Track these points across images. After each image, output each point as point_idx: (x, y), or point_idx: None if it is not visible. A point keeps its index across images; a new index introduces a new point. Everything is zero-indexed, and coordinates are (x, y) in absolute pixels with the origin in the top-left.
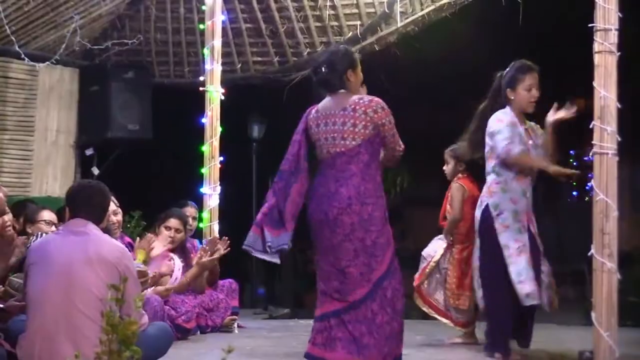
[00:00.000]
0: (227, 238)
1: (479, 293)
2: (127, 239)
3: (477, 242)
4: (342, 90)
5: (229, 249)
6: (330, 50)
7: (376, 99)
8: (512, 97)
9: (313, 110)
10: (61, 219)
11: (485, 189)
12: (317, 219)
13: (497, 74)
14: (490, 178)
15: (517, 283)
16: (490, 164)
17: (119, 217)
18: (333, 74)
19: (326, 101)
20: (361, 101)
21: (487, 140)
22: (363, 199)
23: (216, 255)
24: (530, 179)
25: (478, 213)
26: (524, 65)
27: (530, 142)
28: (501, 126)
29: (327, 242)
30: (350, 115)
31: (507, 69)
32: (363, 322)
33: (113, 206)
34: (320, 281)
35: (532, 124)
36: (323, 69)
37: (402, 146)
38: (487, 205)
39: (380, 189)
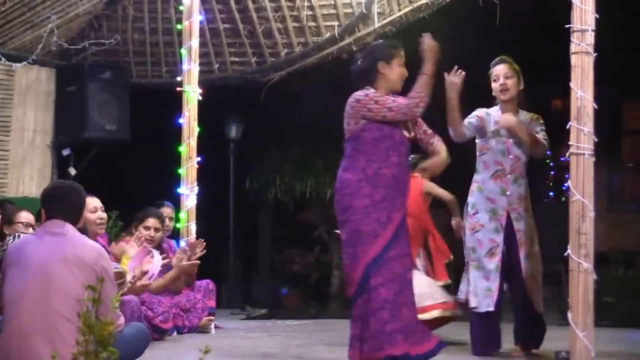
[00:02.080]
0: (202, 240)
1: (463, 290)
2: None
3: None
4: (372, 84)
5: (204, 250)
6: (372, 44)
7: (356, 93)
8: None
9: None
10: (39, 219)
11: (471, 187)
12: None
13: None
14: (474, 176)
15: (470, 290)
16: (477, 160)
17: (104, 215)
18: (365, 65)
19: None
20: (350, 99)
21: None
22: (341, 189)
23: (195, 260)
24: (510, 177)
25: (465, 211)
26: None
27: (512, 139)
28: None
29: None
30: (345, 112)
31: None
32: (358, 317)
33: (99, 204)
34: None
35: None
36: (359, 61)
37: (404, 103)
38: (466, 204)
39: (368, 180)
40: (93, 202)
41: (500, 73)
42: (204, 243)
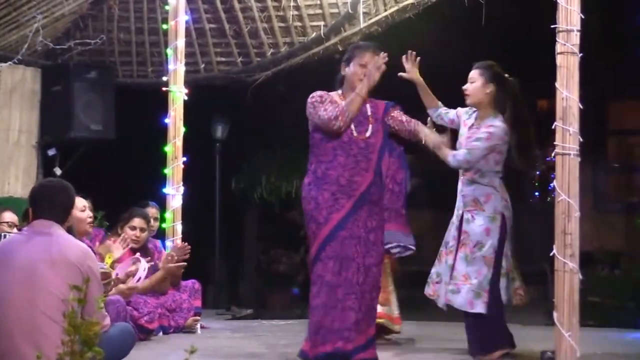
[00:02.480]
0: (188, 244)
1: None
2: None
3: None
4: (341, 86)
5: (188, 255)
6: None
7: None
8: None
9: None
10: (25, 219)
11: None
12: None
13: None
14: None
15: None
16: None
17: (90, 213)
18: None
19: None
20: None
21: None
22: (302, 194)
23: (183, 262)
24: (464, 178)
25: None
26: (493, 64)
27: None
28: None
29: None
30: None
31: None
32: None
33: (85, 203)
34: None
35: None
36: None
37: (326, 116)
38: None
39: (316, 183)
40: (81, 201)
41: (469, 77)
42: (189, 247)
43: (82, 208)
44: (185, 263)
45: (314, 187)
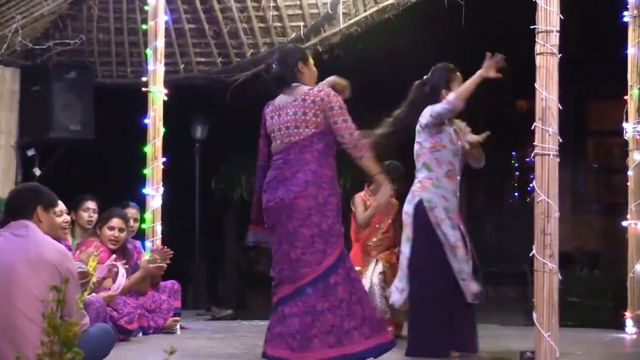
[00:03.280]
0: (169, 248)
1: (405, 288)
2: (68, 242)
3: (409, 236)
4: (295, 84)
5: (169, 260)
6: (280, 48)
7: (327, 88)
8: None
9: (269, 104)
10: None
11: (416, 184)
12: (273, 206)
13: (416, 84)
14: (421, 174)
15: (460, 280)
16: (421, 159)
17: (68, 218)
18: (284, 68)
19: (281, 95)
20: (311, 91)
21: (419, 135)
22: (320, 183)
23: (163, 264)
24: (458, 180)
25: (409, 207)
26: (450, 65)
27: (459, 142)
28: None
29: (282, 229)
30: (301, 104)
31: (433, 75)
32: (306, 312)
33: (63, 207)
34: (274, 272)
35: (461, 123)
36: (274, 65)
37: (355, 135)
38: (420, 200)
39: (336, 180)
40: (60, 205)
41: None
42: (172, 252)
43: (58, 213)
44: (164, 265)
45: (336, 181)
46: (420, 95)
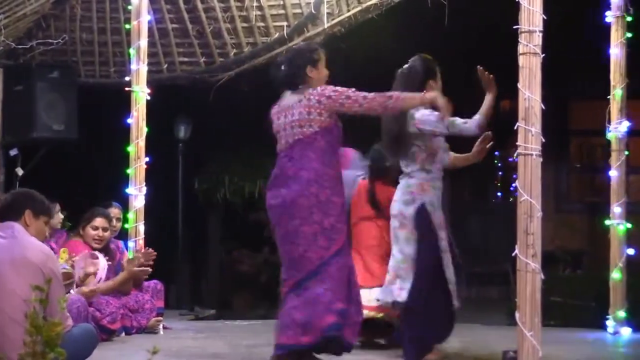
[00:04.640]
0: (153, 250)
1: (404, 286)
2: (52, 243)
3: (410, 237)
4: (302, 86)
5: (152, 262)
6: (292, 48)
7: (328, 86)
8: (434, 87)
9: (275, 105)
10: None
11: (413, 185)
12: (275, 204)
13: (399, 71)
14: (420, 175)
15: (450, 284)
16: (419, 160)
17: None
18: (292, 71)
19: (287, 96)
20: (314, 91)
21: (420, 138)
22: (321, 182)
23: (148, 269)
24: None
25: (409, 210)
26: (430, 58)
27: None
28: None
29: (283, 229)
30: (305, 104)
31: (414, 65)
32: (308, 303)
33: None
34: (282, 273)
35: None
36: (283, 67)
37: (369, 97)
38: (422, 204)
39: (341, 178)
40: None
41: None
42: (155, 254)
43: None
44: (149, 268)
45: (340, 180)
46: (407, 80)
